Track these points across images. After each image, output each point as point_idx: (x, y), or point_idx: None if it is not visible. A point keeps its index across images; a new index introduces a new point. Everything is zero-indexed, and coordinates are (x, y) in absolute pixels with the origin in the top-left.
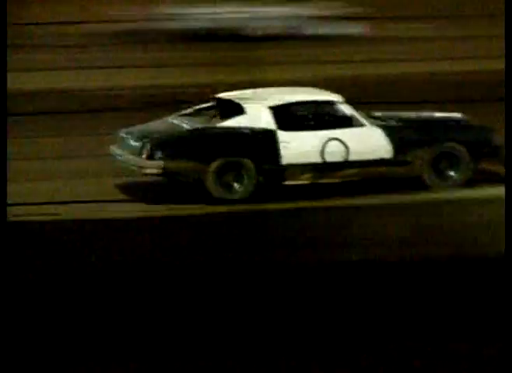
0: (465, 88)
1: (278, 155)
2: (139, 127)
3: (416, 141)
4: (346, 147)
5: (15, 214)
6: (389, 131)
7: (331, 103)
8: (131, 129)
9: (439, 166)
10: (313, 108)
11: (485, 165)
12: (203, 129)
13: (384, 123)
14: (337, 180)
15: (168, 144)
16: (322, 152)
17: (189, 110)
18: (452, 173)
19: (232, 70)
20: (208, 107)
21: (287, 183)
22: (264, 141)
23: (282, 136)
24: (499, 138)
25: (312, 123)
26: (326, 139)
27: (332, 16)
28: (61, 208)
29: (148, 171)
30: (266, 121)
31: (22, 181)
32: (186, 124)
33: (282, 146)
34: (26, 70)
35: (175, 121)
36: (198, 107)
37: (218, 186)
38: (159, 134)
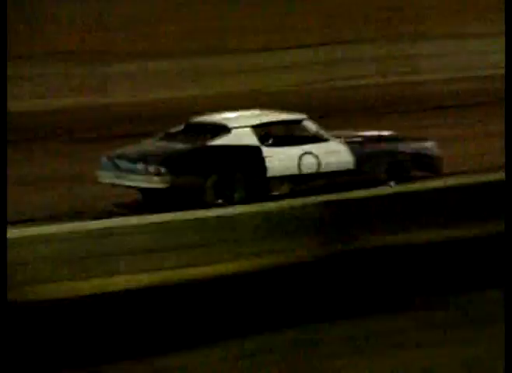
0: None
1: (264, 169)
2: (130, 151)
3: (374, 154)
4: (318, 159)
5: None
6: (350, 146)
7: (299, 121)
8: (119, 153)
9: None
10: (285, 126)
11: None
12: (201, 147)
13: (343, 138)
14: (309, 188)
15: (173, 162)
16: (299, 165)
17: (162, 134)
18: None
19: None
20: (184, 130)
21: (271, 193)
22: (252, 156)
23: (266, 152)
24: (436, 149)
25: (286, 139)
26: (301, 153)
27: None
28: None
29: (156, 186)
30: (251, 139)
31: None
32: (178, 144)
33: (267, 160)
34: None
35: (161, 143)
36: (172, 131)
37: (213, 197)
38: (162, 154)
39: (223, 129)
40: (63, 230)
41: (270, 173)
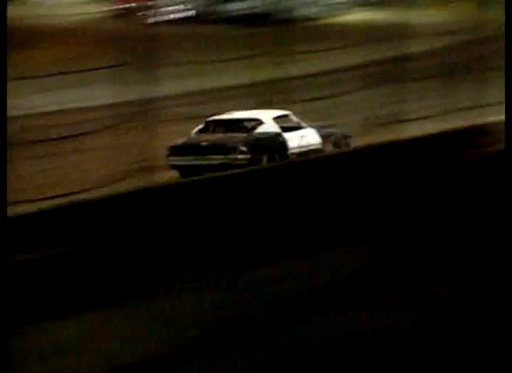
0: None
1: (286, 147)
2: (193, 141)
3: (327, 135)
4: (307, 140)
5: None
6: (317, 131)
7: (288, 115)
8: (184, 143)
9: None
10: (283, 118)
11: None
12: (258, 135)
13: (311, 127)
14: (301, 159)
15: (247, 145)
16: (299, 144)
17: (198, 130)
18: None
19: None
20: (218, 124)
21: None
22: (280, 138)
23: (285, 136)
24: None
25: (287, 127)
26: (299, 136)
27: None
28: None
29: (240, 162)
30: (276, 127)
31: None
32: (231, 134)
33: (288, 141)
34: None
35: (210, 135)
36: (203, 126)
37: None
38: (234, 141)
39: (259, 121)
40: None
41: (289, 150)
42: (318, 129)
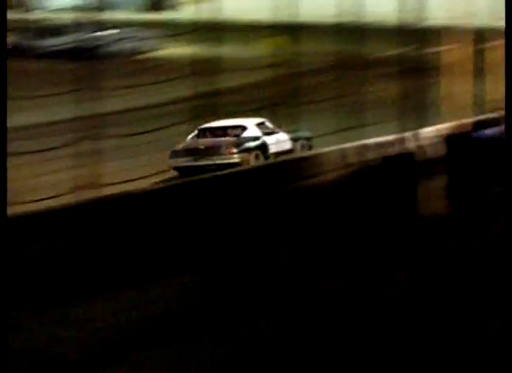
0: None
1: (267, 148)
2: (191, 145)
3: (295, 138)
4: (281, 142)
5: None
6: (288, 134)
7: (264, 122)
8: (184, 147)
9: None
10: (261, 125)
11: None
12: (245, 137)
13: (283, 131)
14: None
15: (238, 146)
16: (276, 146)
17: (196, 134)
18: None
19: None
20: (209, 131)
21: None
22: (263, 141)
23: (265, 138)
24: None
25: (265, 132)
26: (276, 139)
27: None
28: None
29: (234, 160)
30: (258, 132)
31: None
32: (224, 138)
33: (268, 143)
34: None
35: (206, 140)
36: (201, 129)
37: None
38: (229, 143)
39: (244, 127)
40: None
41: (269, 151)
42: (288, 133)
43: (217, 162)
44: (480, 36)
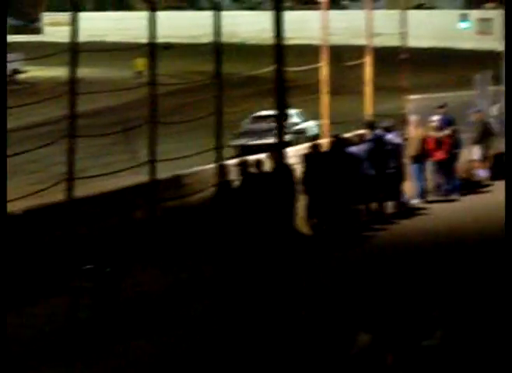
0: None
1: (306, 132)
2: (248, 128)
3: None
4: (311, 128)
5: None
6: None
7: (300, 112)
8: (243, 131)
9: None
10: (299, 114)
11: None
12: (289, 123)
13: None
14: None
15: (288, 129)
16: (309, 130)
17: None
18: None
19: None
20: (261, 118)
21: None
22: (303, 126)
23: (303, 124)
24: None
25: (303, 120)
26: (308, 125)
27: None
28: None
29: (287, 140)
30: (299, 119)
31: None
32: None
33: (305, 128)
34: None
35: (259, 124)
36: (257, 115)
37: None
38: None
39: (288, 115)
40: None
41: (307, 134)
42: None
43: (274, 141)
44: (346, 53)
